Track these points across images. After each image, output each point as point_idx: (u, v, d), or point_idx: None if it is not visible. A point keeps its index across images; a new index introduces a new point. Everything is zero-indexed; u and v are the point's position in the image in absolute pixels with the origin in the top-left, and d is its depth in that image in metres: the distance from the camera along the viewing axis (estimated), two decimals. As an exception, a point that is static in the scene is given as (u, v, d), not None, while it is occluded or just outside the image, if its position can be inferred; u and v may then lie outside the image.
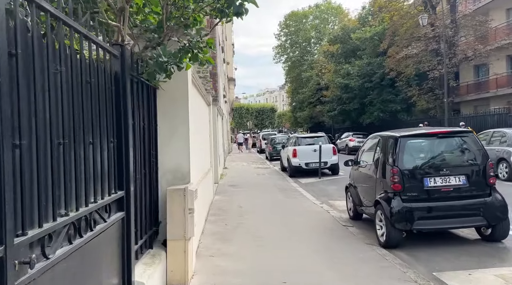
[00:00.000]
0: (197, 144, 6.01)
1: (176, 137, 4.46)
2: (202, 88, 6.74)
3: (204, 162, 7.66)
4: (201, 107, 7.22)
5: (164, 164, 4.44)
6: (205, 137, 8.53)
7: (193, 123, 5.15)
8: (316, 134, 16.53)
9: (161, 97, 4.42)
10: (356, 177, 7.32)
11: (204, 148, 7.82)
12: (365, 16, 39.18)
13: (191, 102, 4.92)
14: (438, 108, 25.53)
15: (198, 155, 5.97)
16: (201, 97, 7.03)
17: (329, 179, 14.39)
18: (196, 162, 5.45)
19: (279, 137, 27.19)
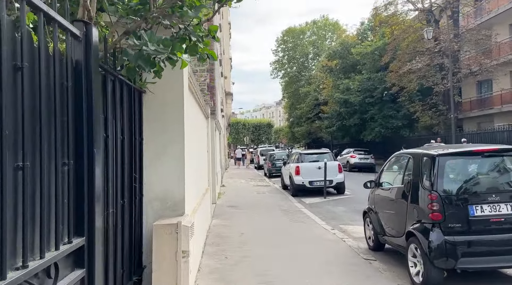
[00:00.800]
0: (194, 163, 5.01)
1: (168, 155, 3.47)
2: (200, 97, 5.79)
3: (201, 182, 6.65)
4: (198, 119, 6.25)
5: (151, 189, 3.44)
6: (203, 153, 7.54)
7: (190, 138, 4.17)
8: (320, 151, 15.57)
9: (149, 104, 3.44)
10: (377, 201, 6.32)
11: (201, 166, 6.83)
12: (364, 31, 38.83)
13: (188, 111, 3.94)
14: (442, 124, 24.75)
15: (194, 176, 4.97)
16: (199, 108, 6.07)
17: (335, 199, 13.36)
18: (192, 185, 4.44)
19: (278, 153, 26.22)
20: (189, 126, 4.11)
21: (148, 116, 3.44)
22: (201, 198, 6.34)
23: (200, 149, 6.56)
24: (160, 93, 3.44)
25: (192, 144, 4.78)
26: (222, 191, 15.46)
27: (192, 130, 4.79)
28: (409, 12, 26.50)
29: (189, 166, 3.97)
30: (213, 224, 8.38)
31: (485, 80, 25.81)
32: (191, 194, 4.30)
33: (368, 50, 31.52)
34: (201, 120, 7.03)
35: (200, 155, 6.44)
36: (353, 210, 10.86)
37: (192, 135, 4.88)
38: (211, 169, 10.34)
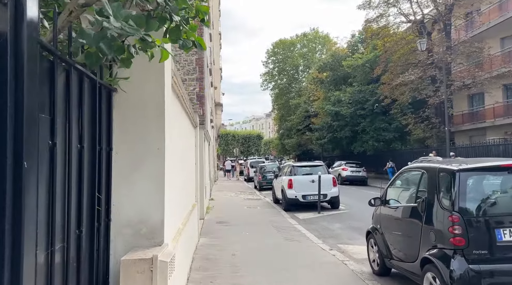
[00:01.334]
0: (178, 177, 4.33)
1: (144, 169, 2.79)
2: (187, 103, 5.13)
3: (187, 199, 5.94)
4: (185, 128, 5.58)
5: (122, 213, 2.74)
6: (190, 166, 6.84)
7: (173, 148, 3.50)
8: (313, 163, 14.96)
9: (122, 106, 2.78)
10: (384, 221, 5.69)
11: (188, 181, 6.13)
12: (355, 44, 38.83)
13: (171, 117, 3.28)
14: (435, 137, 24.45)
15: (178, 192, 4.28)
16: (185, 115, 5.40)
17: (329, 214, 12.71)
18: (175, 204, 3.75)
19: (269, 166, 25.58)
20: (172, 134, 3.44)
21: (120, 121, 2.76)
22: (188, 216, 5.63)
23: (186, 161, 5.87)
24: (135, 92, 2.77)
25: (176, 155, 4.10)
26: (210, 204, 14.69)
27: (177, 139, 4.12)
28: (401, 24, 26.41)
29: (171, 182, 3.29)
30: (200, 244, 7.63)
31: (477, 93, 25.72)
32: (173, 215, 3.61)
33: (359, 63, 31.37)
34: (189, 129, 6.36)
35: (186, 167, 5.75)
36: (350, 227, 10.22)
37: (176, 145, 4.20)
38: (200, 182, 9.61)
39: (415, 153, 26.54)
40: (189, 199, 6.33)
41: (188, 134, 6.25)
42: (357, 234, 9.29)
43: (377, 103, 29.00)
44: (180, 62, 17.90)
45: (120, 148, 2.74)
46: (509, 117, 22.63)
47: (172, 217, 3.47)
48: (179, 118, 4.56)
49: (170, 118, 3.15)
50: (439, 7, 22.72)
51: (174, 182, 3.80)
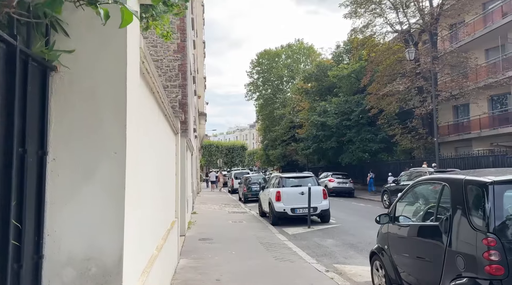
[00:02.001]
0: (152, 191, 3.49)
1: (96, 182, 1.95)
2: (166, 102, 4.31)
3: (165, 216, 5.08)
4: (162, 132, 4.75)
5: (61, 246, 1.89)
6: (169, 178, 5.98)
7: (142, 155, 2.67)
8: (302, 174, 14.22)
9: (64, 92, 1.94)
10: (392, 241, 4.94)
11: (166, 195, 5.27)
12: (340, 54, 38.75)
13: (140, 113, 2.47)
14: (422, 148, 24.15)
15: (153, 211, 3.44)
16: (163, 117, 4.58)
17: (320, 228, 11.94)
18: (146, 226, 2.91)
19: (254, 177, 24.73)
20: (142, 135, 2.62)
21: (61, 112, 1.93)
22: (165, 236, 4.77)
23: (164, 171, 5.03)
24: (84, 74, 1.95)
25: (149, 164, 3.27)
26: (193, 219, 13.74)
27: (149, 144, 3.29)
28: (387, 34, 26.28)
29: (140, 197, 2.45)
30: (180, 266, 6.71)
31: (462, 104, 25.68)
32: (143, 240, 2.77)
33: (345, 73, 31.14)
34: (167, 135, 5.52)
35: (164, 179, 4.90)
36: (344, 244, 9.46)
37: (149, 151, 3.36)
38: (181, 195, 8.72)
39: (401, 164, 26.22)
40: (167, 216, 5.45)
41: (166, 141, 5.41)
42: (353, 252, 8.54)
43: (363, 114, 28.70)
44: (162, 68, 17.05)
45: (60, 152, 1.90)
46: (495, 128, 22.54)
47: (140, 244, 2.62)
48: (153, 119, 3.74)
49: (137, 113, 2.33)
50: (426, 17, 22.60)
51: (144, 197, 2.97)
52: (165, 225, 5.08)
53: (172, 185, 6.50)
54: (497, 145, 21.56)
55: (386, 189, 17.83)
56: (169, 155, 5.86)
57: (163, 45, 17.17)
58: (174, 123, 6.30)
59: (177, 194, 7.13)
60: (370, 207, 18.63)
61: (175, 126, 6.45)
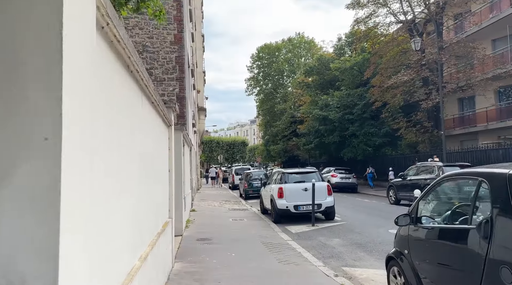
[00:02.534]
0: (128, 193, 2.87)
1: (12, 184, 1.29)
2: (149, 84, 3.66)
3: (155, 218, 4.44)
4: (149, 122, 4.11)
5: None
6: (160, 175, 5.35)
7: (111, 146, 2.04)
8: (306, 170, 13.57)
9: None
10: (415, 245, 4.31)
11: (156, 194, 4.64)
12: (341, 47, 38.00)
13: (92, 83, 1.82)
14: (427, 142, 23.47)
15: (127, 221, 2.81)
16: (147, 102, 3.93)
17: (325, 226, 11.32)
18: (114, 242, 2.28)
19: (255, 173, 24.13)
20: (103, 118, 1.98)
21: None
22: (153, 243, 4.14)
23: (150, 167, 4.39)
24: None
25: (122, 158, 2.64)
26: (191, 217, 13.13)
27: (124, 133, 2.65)
28: (391, 25, 25.51)
29: (93, 205, 1.82)
30: (174, 272, 6.09)
31: (467, 97, 25.00)
32: (106, 262, 2.13)
33: (347, 65, 30.40)
34: (156, 125, 4.87)
35: (150, 176, 4.26)
36: (352, 243, 8.84)
37: (128, 143, 2.73)
38: (176, 193, 8.10)
39: (406, 158, 25.58)
40: (157, 218, 4.83)
41: (155, 133, 4.77)
42: (362, 252, 7.92)
43: (366, 107, 28.02)
44: (158, 60, 16.39)
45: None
46: (503, 121, 21.86)
47: (102, 265, 1.99)
48: (132, 103, 3.09)
49: (92, 86, 1.68)
50: (431, 6, 21.84)
51: (112, 199, 2.33)
52: (154, 228, 4.46)
53: (164, 182, 5.87)
54: (505, 137, 20.91)
55: (392, 184, 17.20)
56: (159, 149, 5.23)
57: (160, 36, 16.50)
58: (165, 114, 5.66)
59: (172, 192, 6.50)
60: (375, 203, 18.03)
61: (166, 117, 5.80)
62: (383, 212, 14.07)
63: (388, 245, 8.48)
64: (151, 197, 4.24)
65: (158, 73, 16.26)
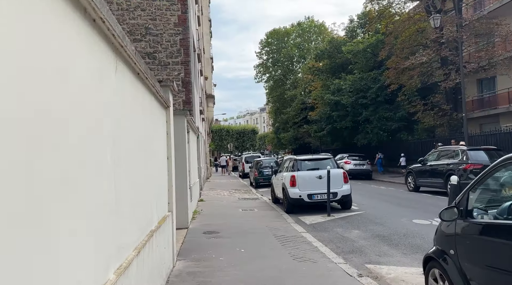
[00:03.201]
0: (96, 189, 2.08)
1: None
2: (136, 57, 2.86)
3: (144, 215, 3.69)
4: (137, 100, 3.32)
5: None
6: (156, 163, 4.60)
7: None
8: (320, 156, 12.69)
9: None
10: (464, 244, 3.48)
11: (150, 185, 3.89)
12: (353, 29, 36.61)
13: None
14: (446, 125, 22.33)
15: (94, 227, 2.03)
16: (127, 70, 3.12)
17: (341, 216, 10.53)
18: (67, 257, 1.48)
19: (266, 161, 23.35)
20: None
21: None
22: (141, 246, 3.40)
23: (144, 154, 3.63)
24: None
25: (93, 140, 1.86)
26: (199, 207, 12.46)
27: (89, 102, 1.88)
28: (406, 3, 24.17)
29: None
30: (175, 273, 5.37)
31: (487, 78, 23.70)
32: None
33: (360, 48, 29.12)
34: (144, 102, 4.08)
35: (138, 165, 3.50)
36: (374, 235, 8.03)
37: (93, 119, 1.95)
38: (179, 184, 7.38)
39: (423, 143, 24.49)
40: (149, 214, 4.07)
41: (144, 113, 3.99)
42: (386, 246, 7.12)
43: (380, 91, 26.87)
44: (162, 43, 15.57)
45: None
46: (528, 102, 20.64)
47: None
48: (100, 68, 2.29)
49: None
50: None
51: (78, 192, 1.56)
52: (144, 227, 3.71)
53: (161, 171, 5.12)
54: (530, 119, 19.71)
55: (411, 170, 16.26)
56: (151, 132, 4.46)
57: (163, 18, 15.65)
58: (160, 93, 4.87)
59: (171, 182, 5.75)
60: (392, 190, 17.14)
61: (161, 96, 5.01)
62: (402, 200, 13.21)
63: (414, 237, 7.66)
64: (139, 189, 3.48)
65: (162, 57, 15.47)
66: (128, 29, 15.33)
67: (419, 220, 9.39)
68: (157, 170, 4.78)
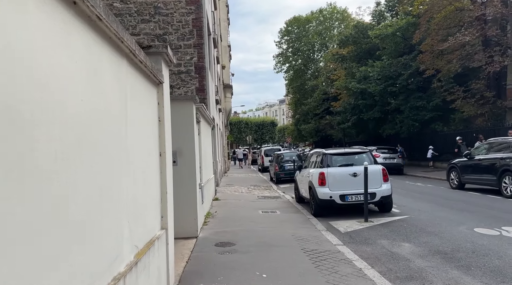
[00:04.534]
0: None
1: None
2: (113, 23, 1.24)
3: (102, 252, 2.08)
4: (101, 66, 1.70)
5: None
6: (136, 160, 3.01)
7: None
8: (353, 150, 10.86)
9: None
10: None
11: (120, 198, 2.29)
12: (380, 13, 34.16)
13: None
14: (490, 115, 20.04)
15: None
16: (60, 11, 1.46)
17: (381, 222, 8.77)
18: None
19: (287, 154, 21.64)
20: None
21: None
22: None
23: (90, 148, 2.03)
24: None
25: None
26: (213, 208, 10.93)
27: None
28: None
29: None
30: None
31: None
32: None
33: (389, 31, 26.78)
34: (106, 66, 2.46)
35: (95, 165, 1.85)
36: (433, 252, 6.26)
37: None
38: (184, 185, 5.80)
39: (460, 134, 22.23)
40: (116, 246, 2.48)
41: (109, 82, 2.37)
42: (454, 270, 5.35)
43: (412, 77, 24.64)
44: (173, 24, 14.00)
45: None
46: None
47: None
48: None
49: None
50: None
51: None
52: (102, 269, 2.11)
53: (146, 176, 3.52)
54: None
55: (454, 164, 14.25)
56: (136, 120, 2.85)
57: (173, -4, 14.05)
58: (146, 63, 3.25)
59: (165, 186, 4.16)
60: (431, 187, 15.20)
61: (150, 70, 3.40)
62: (449, 201, 11.31)
63: (488, 256, 5.86)
64: (95, 204, 1.89)
65: (173, 40, 13.90)
66: (136, 8, 13.82)
67: (483, 229, 7.55)
68: (139, 173, 3.19)
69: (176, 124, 7.10)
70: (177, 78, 13.90)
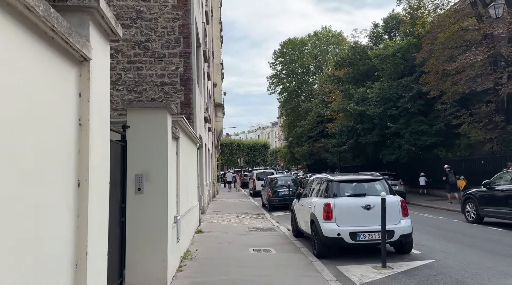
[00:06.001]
0: None
1: None
2: None
3: None
4: None
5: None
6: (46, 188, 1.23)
7: None
8: (366, 177, 9.11)
9: None
10: None
11: None
12: (378, 35, 33.34)
13: None
14: (498, 140, 18.64)
15: None
16: None
17: (403, 269, 6.97)
18: None
19: (282, 178, 19.88)
20: None
21: None
22: None
23: None
24: None
25: None
26: (194, 245, 9.03)
27: None
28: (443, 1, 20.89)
29: None
30: None
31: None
32: None
33: (389, 52, 25.74)
34: None
35: None
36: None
37: None
38: (150, 219, 4.00)
39: (468, 161, 20.77)
40: None
41: None
42: None
43: (413, 100, 23.33)
44: (157, 30, 12.42)
45: None
46: None
47: None
48: None
49: None
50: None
51: None
52: None
53: (42, 218, 1.74)
54: None
55: (472, 195, 12.59)
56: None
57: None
58: (51, 21, 1.54)
59: (84, 244, 2.36)
60: (443, 219, 13.52)
61: (61, 35, 1.70)
62: (475, 239, 9.60)
63: None
64: None
65: (157, 48, 12.31)
66: (115, 12, 12.27)
67: (539, 283, 5.82)
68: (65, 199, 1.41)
69: (143, 139, 5.37)
70: (159, 90, 12.25)
